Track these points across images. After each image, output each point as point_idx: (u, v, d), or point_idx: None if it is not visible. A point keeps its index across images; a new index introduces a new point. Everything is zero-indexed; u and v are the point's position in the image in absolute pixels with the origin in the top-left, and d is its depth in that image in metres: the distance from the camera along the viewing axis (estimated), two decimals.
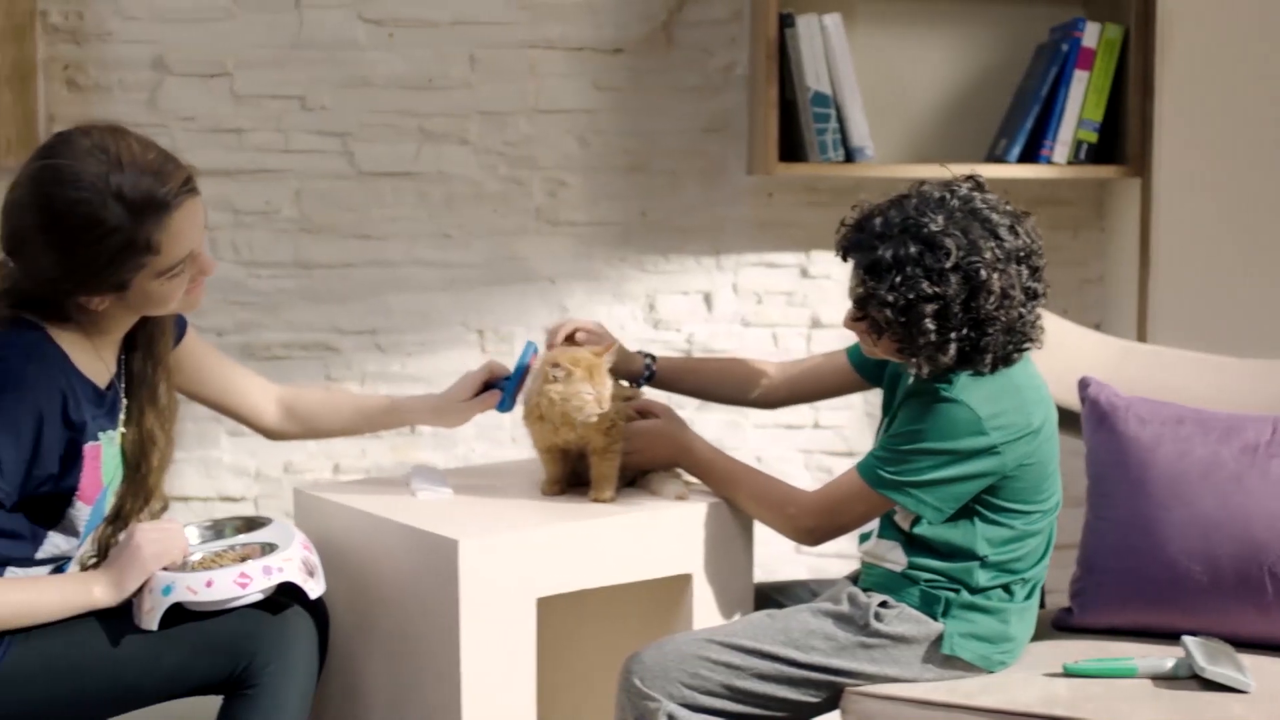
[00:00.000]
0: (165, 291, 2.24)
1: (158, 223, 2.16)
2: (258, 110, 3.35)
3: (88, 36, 3.33)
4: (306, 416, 2.64)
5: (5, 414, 2.14)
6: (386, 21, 3.35)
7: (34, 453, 2.17)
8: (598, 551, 2.41)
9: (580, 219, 3.41)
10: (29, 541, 2.27)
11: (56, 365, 2.20)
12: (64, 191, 2.13)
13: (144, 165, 2.17)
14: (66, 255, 2.15)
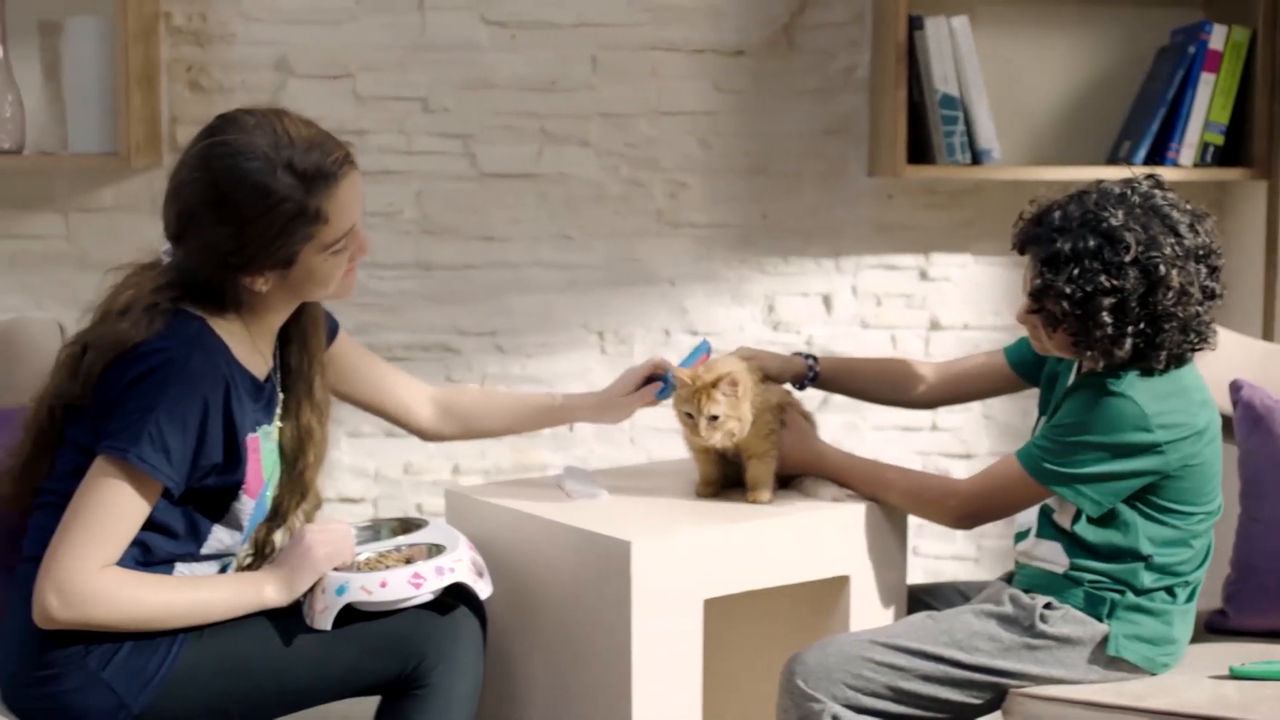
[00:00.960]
0: (327, 269, 2.25)
1: (325, 192, 2.19)
2: (380, 112, 3.35)
3: (211, 38, 3.33)
4: (464, 416, 2.64)
5: (172, 404, 2.15)
6: (509, 23, 3.35)
7: (199, 443, 2.19)
8: (763, 553, 2.41)
9: (701, 221, 3.41)
10: (194, 537, 2.28)
11: (219, 355, 2.22)
12: (235, 163, 2.16)
13: (309, 139, 2.21)
14: (239, 227, 2.17)
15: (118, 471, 2.15)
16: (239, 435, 2.24)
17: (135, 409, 2.15)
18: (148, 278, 2.27)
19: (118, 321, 2.21)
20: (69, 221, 3.37)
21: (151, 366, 2.16)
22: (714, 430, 2.46)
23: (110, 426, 2.16)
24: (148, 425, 2.13)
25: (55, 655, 2.19)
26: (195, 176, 2.19)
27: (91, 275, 3.28)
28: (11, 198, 3.36)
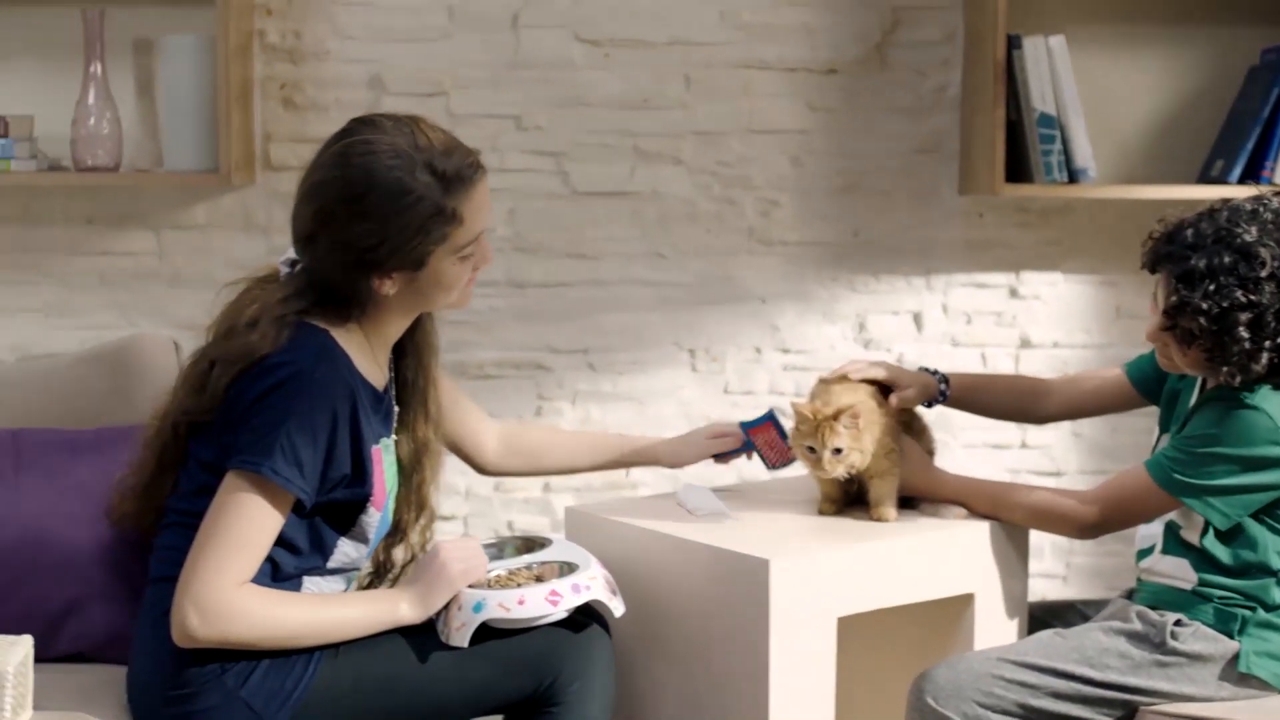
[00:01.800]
0: (454, 274, 2.27)
1: (461, 194, 2.23)
2: (473, 129, 3.35)
3: (305, 56, 3.34)
4: (530, 452, 2.68)
5: (302, 416, 2.16)
6: (603, 42, 3.36)
7: (328, 454, 2.19)
8: (893, 571, 2.41)
9: (792, 239, 3.41)
10: (320, 551, 2.28)
11: (345, 366, 2.23)
12: (375, 160, 2.18)
13: (444, 143, 2.25)
14: (377, 223, 2.18)
15: (251, 486, 2.15)
16: (365, 447, 2.25)
17: (266, 422, 2.15)
18: (271, 290, 2.28)
19: (244, 335, 2.22)
20: (161, 239, 3.37)
21: (280, 379, 2.16)
22: (837, 463, 2.46)
23: (241, 441, 2.16)
24: (279, 438, 2.14)
25: (191, 674, 2.19)
26: (333, 175, 2.20)
27: (183, 292, 3.33)
28: (105, 214, 3.36)
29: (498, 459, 2.66)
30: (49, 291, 3.37)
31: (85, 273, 3.37)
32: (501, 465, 2.68)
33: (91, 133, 3.19)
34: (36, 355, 3.36)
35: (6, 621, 2.40)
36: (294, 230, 2.26)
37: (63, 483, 2.49)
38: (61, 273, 3.37)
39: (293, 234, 2.27)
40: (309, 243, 2.24)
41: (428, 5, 3.33)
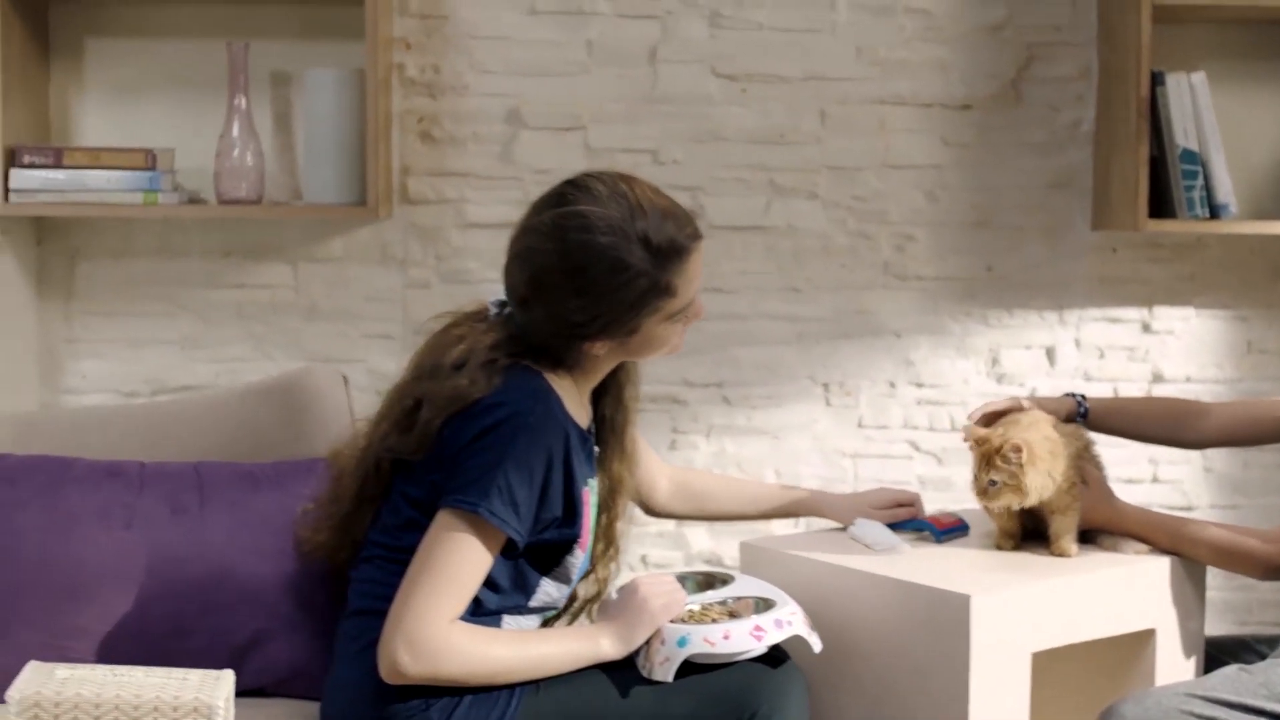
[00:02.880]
0: (665, 335, 2.27)
1: (676, 266, 2.21)
2: (610, 163, 3.35)
3: (444, 90, 3.35)
4: (699, 496, 2.69)
5: (519, 458, 2.16)
6: (740, 77, 3.37)
7: (542, 496, 2.19)
8: (1083, 606, 2.41)
9: (927, 273, 3.42)
10: (523, 590, 2.28)
11: (559, 409, 2.22)
12: (592, 238, 2.17)
13: (662, 210, 2.23)
14: (592, 300, 2.18)
15: (466, 526, 2.15)
16: (576, 489, 2.24)
17: (482, 463, 2.15)
18: (479, 331, 2.27)
19: (453, 377, 2.22)
20: (297, 271, 3.37)
21: (496, 420, 2.16)
22: (995, 496, 2.46)
23: (456, 481, 2.16)
24: (496, 479, 2.14)
25: (395, 709, 2.19)
26: (549, 247, 2.19)
27: (319, 325, 3.34)
28: (242, 247, 3.36)
29: (666, 501, 2.67)
30: (185, 324, 3.38)
31: (221, 305, 3.37)
32: (669, 507, 2.68)
33: (235, 166, 3.20)
34: (172, 388, 3.37)
35: (193, 654, 2.40)
36: (507, 286, 2.26)
37: (245, 516, 2.49)
38: (198, 305, 3.37)
39: (505, 288, 2.27)
40: (522, 304, 2.24)
41: (567, 40, 3.35)
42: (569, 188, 2.24)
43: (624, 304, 2.19)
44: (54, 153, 3.14)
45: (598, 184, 2.22)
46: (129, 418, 2.68)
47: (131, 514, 2.46)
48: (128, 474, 2.50)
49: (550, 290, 2.19)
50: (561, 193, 2.24)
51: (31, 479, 2.45)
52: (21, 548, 2.41)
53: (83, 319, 3.37)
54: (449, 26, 3.34)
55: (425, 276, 3.38)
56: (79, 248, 3.36)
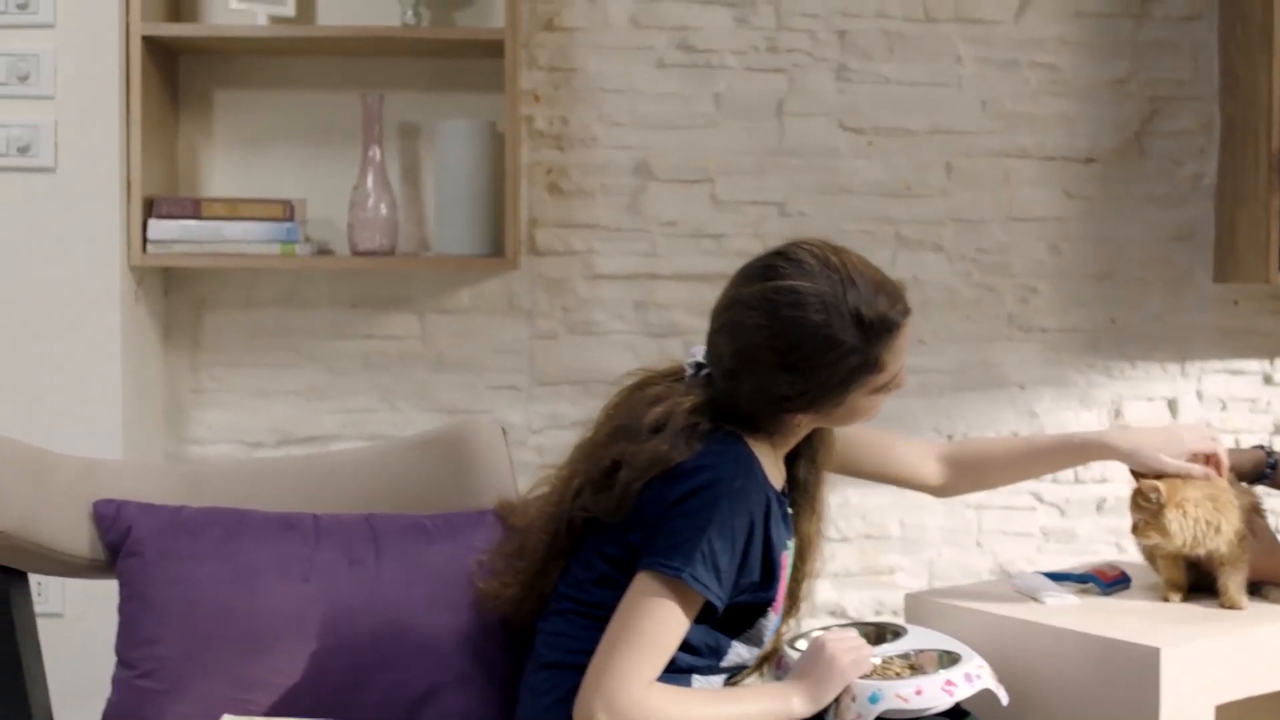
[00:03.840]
0: (868, 406, 2.25)
1: (887, 341, 2.17)
2: (737, 216, 3.39)
3: (572, 142, 3.37)
4: (975, 467, 2.60)
5: (722, 523, 2.14)
6: (866, 130, 3.39)
7: (743, 561, 2.18)
8: (1262, 657, 2.41)
9: (1051, 325, 3.43)
10: (714, 652, 2.27)
11: (760, 474, 2.21)
12: (805, 314, 2.14)
13: (873, 284, 2.19)
14: (801, 376, 2.16)
15: (667, 590, 2.13)
16: (775, 554, 2.23)
17: (686, 528, 2.13)
18: (678, 393, 2.25)
19: (653, 439, 2.20)
20: (424, 322, 3.38)
21: (699, 485, 2.15)
22: (1141, 534, 2.46)
23: (659, 544, 2.14)
24: (700, 544, 2.12)
25: None
26: (759, 321, 2.16)
27: (445, 376, 3.35)
28: (370, 298, 3.37)
29: (942, 481, 2.60)
30: (311, 374, 3.38)
31: (348, 356, 3.38)
32: (953, 487, 2.61)
33: (369, 217, 3.21)
34: (297, 438, 3.38)
35: (369, 708, 2.38)
36: (711, 356, 2.24)
37: (419, 568, 2.48)
38: (324, 356, 3.38)
39: (709, 356, 2.25)
40: (728, 375, 2.21)
41: (694, 93, 3.37)
42: (778, 259, 2.21)
43: (834, 381, 2.17)
44: (192, 204, 3.16)
45: (808, 256, 2.20)
46: (290, 470, 2.67)
47: (309, 566, 2.45)
48: (303, 526, 2.49)
49: (759, 364, 2.17)
50: (771, 264, 2.21)
51: (210, 531, 2.45)
52: (202, 600, 2.40)
53: (209, 369, 3.37)
54: (577, 79, 3.36)
55: (552, 328, 3.39)
56: (206, 298, 3.37)
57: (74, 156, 3.10)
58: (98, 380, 3.11)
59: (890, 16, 3.38)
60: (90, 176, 3.10)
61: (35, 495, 2.40)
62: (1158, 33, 3.42)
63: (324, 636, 2.42)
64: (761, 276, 2.21)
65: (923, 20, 3.38)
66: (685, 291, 3.39)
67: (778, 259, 2.22)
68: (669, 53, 3.37)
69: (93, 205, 3.10)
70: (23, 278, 3.10)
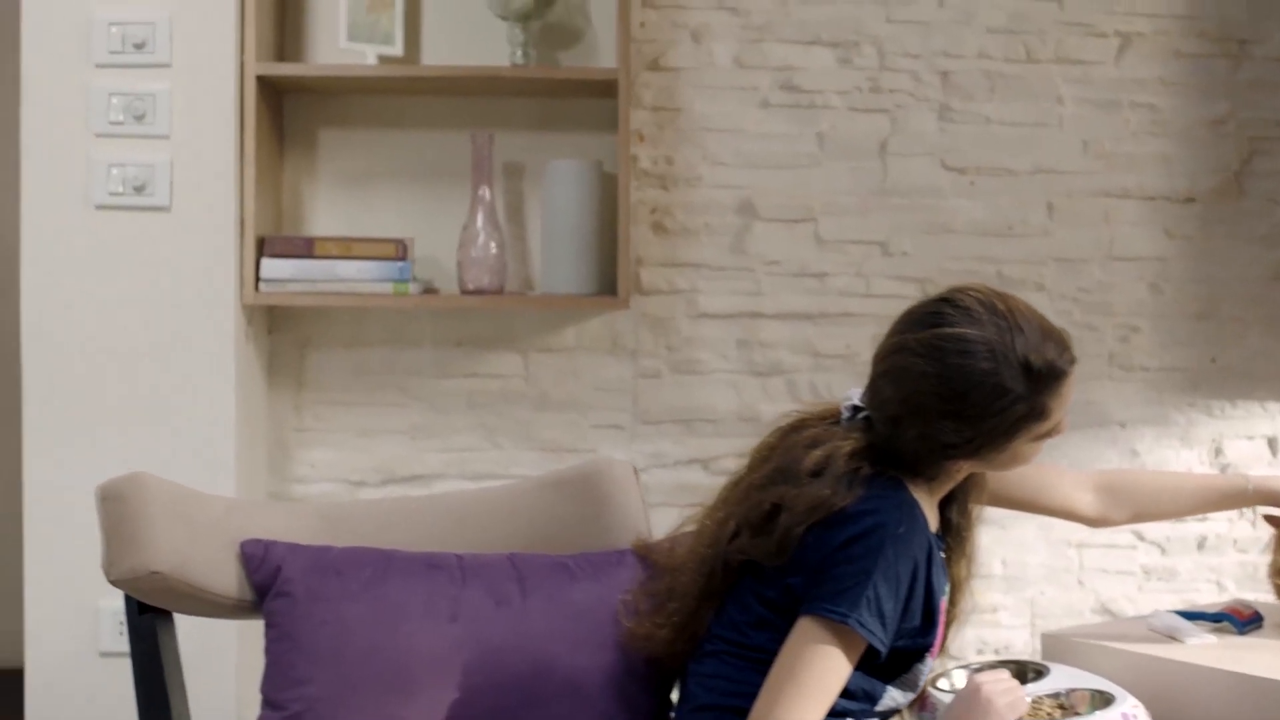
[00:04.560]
0: (1028, 453, 2.24)
1: (1053, 389, 2.17)
2: (840, 255, 3.40)
3: (676, 181, 3.38)
4: (1134, 498, 2.59)
5: (887, 568, 2.14)
6: (969, 170, 3.41)
7: (905, 607, 2.18)
8: None
9: (1151, 365, 3.44)
10: (868, 697, 2.26)
11: (922, 521, 2.21)
12: (974, 362, 2.13)
13: (1041, 331, 2.18)
14: (968, 424, 2.15)
15: (831, 635, 2.13)
16: (935, 599, 2.23)
17: (851, 573, 2.13)
18: (836, 437, 2.24)
19: (813, 484, 2.19)
20: (528, 361, 3.39)
21: (864, 530, 2.14)
22: None
23: (823, 589, 2.14)
24: (865, 590, 2.12)
25: None
26: (926, 369, 2.15)
27: (548, 415, 3.35)
28: (474, 337, 3.38)
29: (1098, 511, 2.59)
30: (415, 413, 3.38)
31: (452, 394, 3.39)
32: (1106, 516, 2.60)
33: (479, 256, 3.22)
34: (401, 477, 3.38)
35: None
36: (873, 401, 2.23)
37: (564, 608, 2.48)
38: (428, 394, 3.38)
39: (870, 402, 2.24)
40: (892, 422, 2.20)
41: (798, 133, 3.39)
42: (944, 305, 2.20)
43: (1000, 429, 2.16)
44: (305, 243, 3.16)
45: (974, 302, 2.18)
46: (424, 509, 2.66)
47: (456, 606, 2.44)
48: (448, 566, 2.49)
49: (925, 412, 2.16)
50: (937, 310, 2.20)
51: (358, 572, 2.44)
52: (351, 640, 2.40)
53: (312, 408, 3.38)
54: (682, 119, 3.38)
55: (656, 366, 3.39)
56: (311, 337, 3.37)
57: (189, 195, 3.11)
58: (211, 418, 3.11)
59: (992, 57, 3.40)
60: (205, 215, 3.11)
61: (187, 535, 2.40)
62: (1256, 73, 3.44)
63: (471, 676, 2.42)
64: (928, 323, 2.19)
65: (1024, 61, 3.40)
66: (788, 330, 3.40)
67: (943, 305, 2.20)
68: (773, 93, 3.38)
69: (207, 244, 3.11)
70: (138, 316, 3.10)
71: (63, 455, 3.10)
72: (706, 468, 3.40)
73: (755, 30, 3.38)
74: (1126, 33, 3.42)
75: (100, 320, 3.10)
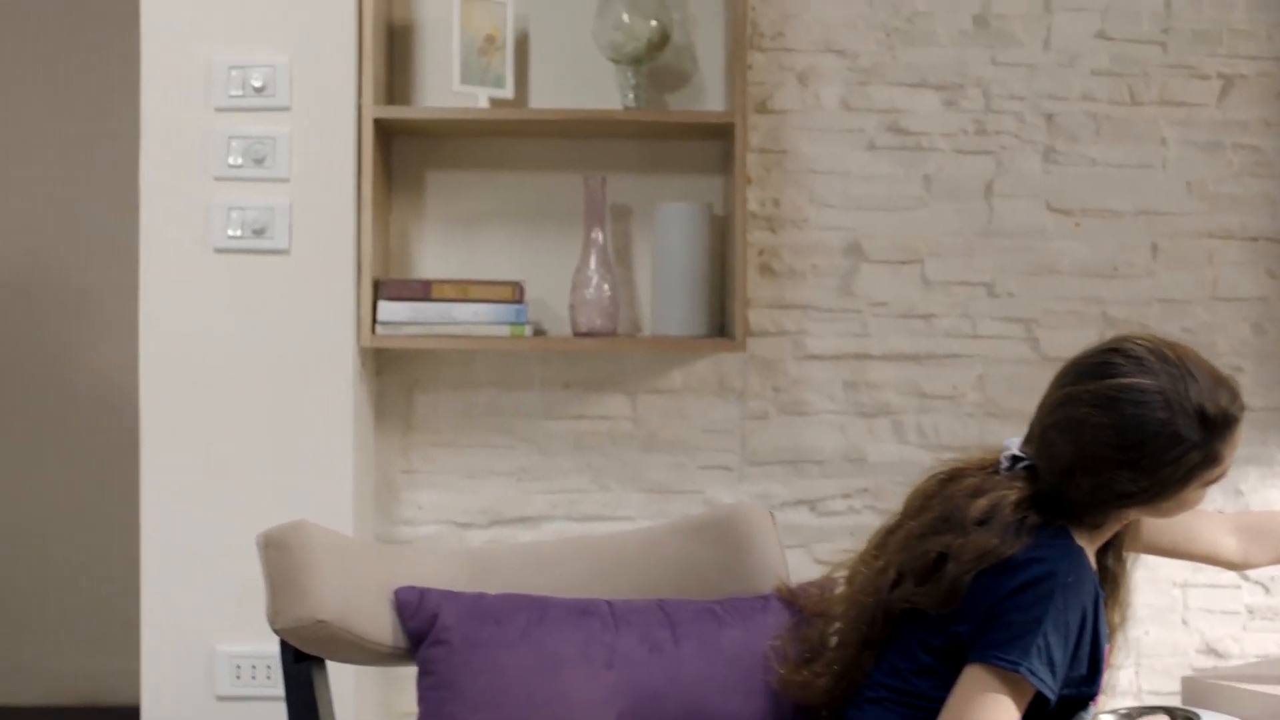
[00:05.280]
0: (1195, 499, 2.25)
1: (1226, 436, 2.18)
2: (946, 296, 3.41)
3: (784, 223, 3.39)
4: (1275, 539, 2.61)
5: (1059, 617, 2.14)
6: (1074, 211, 3.42)
7: (1074, 655, 2.18)
8: None
9: (1255, 404, 3.44)
10: None
11: (1090, 569, 2.22)
12: (1150, 412, 2.14)
13: (1212, 379, 2.19)
14: (1144, 474, 2.16)
15: (1001, 683, 2.13)
16: (1101, 647, 2.23)
17: (1021, 622, 2.14)
18: (1000, 486, 2.25)
19: (979, 533, 2.20)
20: (636, 403, 3.39)
21: (1034, 578, 2.15)
22: None
23: (993, 637, 2.14)
24: (1036, 639, 2.12)
25: None
26: (1101, 420, 2.16)
27: (655, 456, 3.36)
28: (581, 378, 3.39)
29: (1240, 555, 2.60)
30: (523, 455, 3.39)
31: (559, 436, 3.39)
32: (1248, 559, 2.62)
33: (593, 298, 3.23)
34: (509, 519, 3.38)
35: None
36: (1041, 452, 2.23)
37: (715, 653, 2.48)
38: (536, 436, 3.39)
39: (1038, 453, 2.24)
40: (1064, 474, 2.20)
41: (904, 175, 3.40)
42: (1114, 355, 2.21)
43: (1175, 477, 2.16)
44: (421, 285, 3.17)
45: (1144, 351, 2.19)
46: (566, 554, 2.67)
47: (611, 653, 2.45)
48: (599, 612, 2.49)
49: (1100, 463, 2.17)
50: (1107, 361, 2.21)
51: (513, 619, 2.44)
52: (510, 688, 2.40)
53: (420, 450, 3.38)
54: (789, 161, 3.39)
55: (763, 408, 3.40)
56: (419, 379, 3.37)
57: (307, 238, 3.11)
58: (329, 461, 3.11)
59: (1096, 99, 3.42)
60: (323, 258, 3.12)
61: (347, 584, 2.40)
62: None
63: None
64: (1098, 374, 2.20)
65: (1128, 103, 3.42)
66: (895, 371, 3.41)
67: (1113, 355, 2.22)
68: (879, 135, 3.40)
69: (325, 287, 3.11)
70: (256, 359, 3.10)
71: (180, 497, 3.09)
72: (813, 509, 3.40)
73: (861, 73, 3.40)
74: (1229, 75, 3.44)
75: (218, 363, 3.10)
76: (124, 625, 3.73)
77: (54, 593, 4.96)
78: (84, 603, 4.92)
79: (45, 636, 4.96)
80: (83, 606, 4.92)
